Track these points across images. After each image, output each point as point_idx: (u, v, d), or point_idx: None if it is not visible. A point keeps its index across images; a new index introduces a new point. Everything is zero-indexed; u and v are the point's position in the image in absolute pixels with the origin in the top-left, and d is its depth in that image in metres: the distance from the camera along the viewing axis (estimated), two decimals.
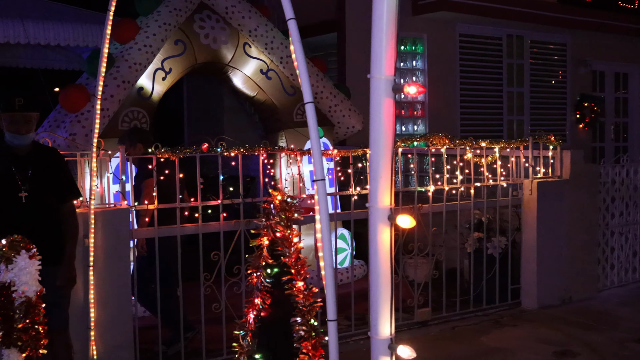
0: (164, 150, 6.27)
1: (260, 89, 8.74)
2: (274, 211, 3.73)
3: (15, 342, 3.82)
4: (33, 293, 3.89)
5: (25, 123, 5.15)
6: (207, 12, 8.29)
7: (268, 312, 3.85)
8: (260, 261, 3.81)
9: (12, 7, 9.34)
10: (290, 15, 3.08)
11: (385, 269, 2.74)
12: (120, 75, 7.34)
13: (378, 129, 2.70)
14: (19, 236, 4.11)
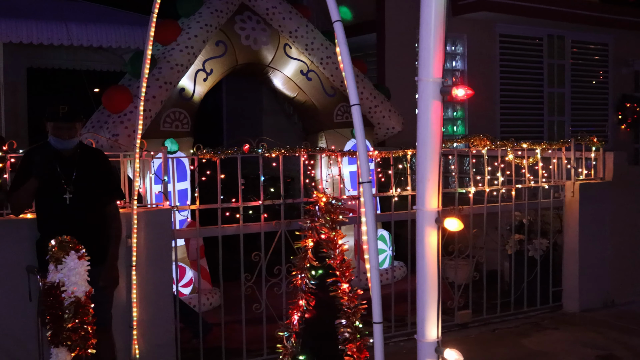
0: (205, 151, 6.31)
1: (301, 89, 8.75)
2: (319, 213, 3.73)
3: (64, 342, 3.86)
4: (82, 293, 3.93)
5: (68, 130, 5.20)
6: (248, 13, 8.32)
7: (312, 313, 3.85)
8: (304, 263, 3.81)
9: (56, 9, 9.46)
10: (336, 18, 3.07)
11: (432, 272, 2.72)
12: (162, 77, 7.39)
13: (425, 132, 2.69)
14: (67, 237, 4.15)
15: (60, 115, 5.14)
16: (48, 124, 5.23)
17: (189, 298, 7.29)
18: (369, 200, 2.93)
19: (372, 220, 2.91)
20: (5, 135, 10.08)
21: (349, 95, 3.01)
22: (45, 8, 9.48)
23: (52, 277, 3.97)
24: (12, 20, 8.74)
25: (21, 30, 8.69)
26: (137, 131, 5.68)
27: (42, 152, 5.31)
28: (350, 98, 3.00)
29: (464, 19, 12.63)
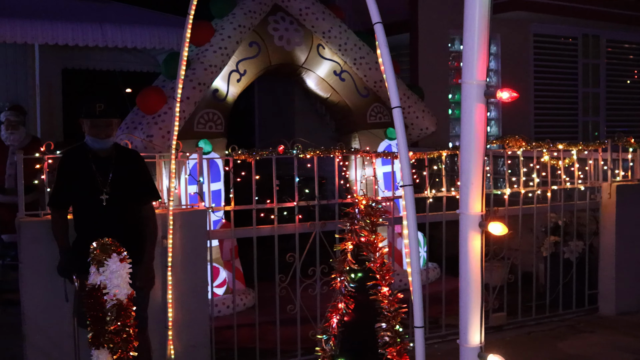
0: (240, 152, 6.31)
1: (334, 90, 8.73)
2: (359, 216, 3.71)
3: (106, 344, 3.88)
4: (124, 296, 3.94)
5: (105, 127, 5.21)
6: (281, 14, 8.32)
7: (351, 316, 3.83)
8: (344, 265, 3.79)
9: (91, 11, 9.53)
10: (377, 19, 3.05)
11: (475, 276, 2.69)
12: (196, 78, 7.41)
13: (469, 135, 2.66)
14: (109, 239, 4.16)
15: (97, 113, 5.16)
16: (84, 123, 5.25)
17: (222, 298, 7.30)
18: (411, 203, 2.90)
19: (413, 224, 2.89)
20: (41, 136, 10.18)
21: (390, 97, 2.99)
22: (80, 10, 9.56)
23: (94, 279, 3.98)
24: (48, 22, 8.81)
25: (57, 32, 8.76)
26: (173, 132, 5.70)
27: (79, 153, 5.34)
28: (392, 100, 2.97)
29: (497, 19, 12.53)
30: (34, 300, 5.54)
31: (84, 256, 5.18)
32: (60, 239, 5.28)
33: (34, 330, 5.56)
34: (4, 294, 8.84)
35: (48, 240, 5.52)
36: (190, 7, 5.29)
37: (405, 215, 2.90)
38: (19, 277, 5.60)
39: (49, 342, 5.56)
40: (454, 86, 12.82)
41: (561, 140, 8.19)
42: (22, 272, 5.53)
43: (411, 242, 2.87)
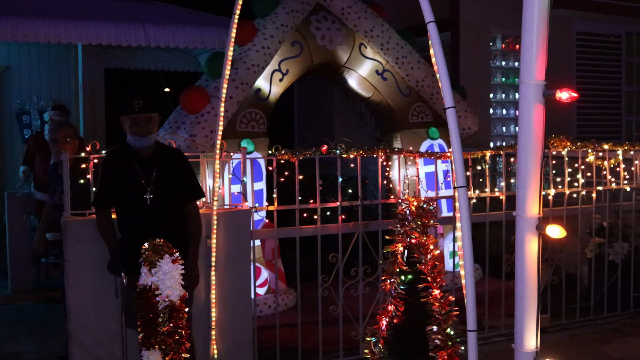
0: (284, 151, 6.31)
1: (376, 89, 8.68)
2: (410, 217, 3.67)
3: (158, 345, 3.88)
4: (177, 297, 3.94)
5: (146, 124, 5.22)
6: (323, 13, 8.29)
7: (401, 319, 3.79)
8: (394, 267, 3.75)
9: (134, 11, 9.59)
10: (430, 19, 3.01)
11: (532, 280, 2.65)
12: (238, 77, 7.41)
13: (527, 136, 2.61)
14: (161, 240, 4.17)
15: (136, 109, 5.18)
16: (125, 121, 5.27)
17: (264, 298, 7.29)
18: (465, 205, 2.86)
19: (467, 226, 2.84)
20: (84, 135, 10.27)
21: (444, 97, 2.95)
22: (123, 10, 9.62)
23: (145, 280, 3.99)
24: (92, 22, 8.88)
25: (100, 32, 8.82)
26: (218, 132, 5.70)
27: (122, 153, 5.37)
28: (445, 101, 2.93)
29: None
30: (79, 299, 5.59)
31: (129, 256, 5.23)
32: (108, 238, 5.32)
33: (79, 329, 5.60)
34: (47, 292, 8.94)
35: (93, 239, 5.57)
36: (236, 7, 5.29)
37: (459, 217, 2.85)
38: (65, 276, 5.65)
39: (94, 340, 5.60)
40: (496, 85, 12.71)
41: (604, 139, 8.07)
42: (68, 270, 5.58)
43: (465, 245, 2.83)
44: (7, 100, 11.19)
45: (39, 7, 9.31)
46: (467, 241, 2.84)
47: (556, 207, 7.55)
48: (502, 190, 7.46)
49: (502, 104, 12.78)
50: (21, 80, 11.27)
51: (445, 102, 2.92)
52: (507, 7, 12.25)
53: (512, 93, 12.80)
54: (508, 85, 12.78)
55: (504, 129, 12.80)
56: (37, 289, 9.10)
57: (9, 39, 8.62)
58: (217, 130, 5.68)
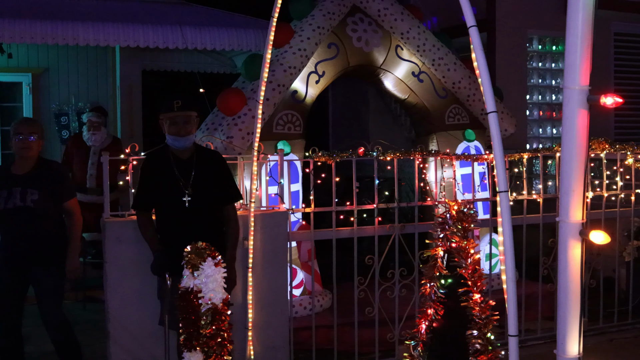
0: (321, 154, 6.32)
1: (412, 91, 8.66)
2: (450, 221, 3.67)
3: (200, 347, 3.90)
4: (219, 300, 3.97)
5: (185, 124, 5.25)
6: (360, 15, 8.29)
7: (440, 323, 3.79)
8: (434, 271, 3.75)
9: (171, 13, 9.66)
10: (472, 23, 3.01)
11: (575, 286, 2.63)
12: (275, 79, 7.44)
13: (571, 141, 2.60)
14: (204, 243, 4.19)
15: (175, 108, 5.22)
16: (164, 121, 5.30)
17: (299, 300, 7.32)
18: (507, 210, 2.85)
19: (509, 231, 2.83)
20: (121, 137, 10.36)
21: (485, 101, 2.94)
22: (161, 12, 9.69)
23: (187, 283, 4.01)
24: (130, 25, 8.96)
25: (139, 35, 8.90)
26: (255, 134, 5.72)
27: (161, 155, 5.41)
28: (487, 105, 2.92)
29: None
30: (119, 299, 5.64)
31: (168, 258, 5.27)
32: (150, 240, 5.36)
33: (118, 329, 5.65)
34: (85, 291, 9.03)
35: (132, 240, 5.62)
36: (274, 9, 5.31)
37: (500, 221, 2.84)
38: (104, 276, 5.70)
39: (132, 340, 5.65)
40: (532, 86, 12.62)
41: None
42: (107, 271, 5.63)
43: (506, 250, 2.82)
44: (45, 101, 11.31)
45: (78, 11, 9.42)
46: (508, 246, 2.83)
47: (594, 210, 7.48)
48: (540, 193, 7.41)
49: (539, 105, 12.68)
50: (59, 82, 11.39)
51: (487, 107, 2.91)
52: (543, 8, 12.18)
53: (548, 94, 12.70)
54: (544, 87, 12.69)
55: (540, 131, 12.71)
56: (75, 288, 9.19)
57: (49, 41, 8.72)
58: (254, 133, 5.70)
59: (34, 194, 5.63)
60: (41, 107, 11.22)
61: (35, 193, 5.63)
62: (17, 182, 5.67)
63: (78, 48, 10.96)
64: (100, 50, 11.25)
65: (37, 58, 11.24)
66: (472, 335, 3.59)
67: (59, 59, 11.28)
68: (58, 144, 11.25)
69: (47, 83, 11.30)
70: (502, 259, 2.85)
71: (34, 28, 8.65)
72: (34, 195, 5.63)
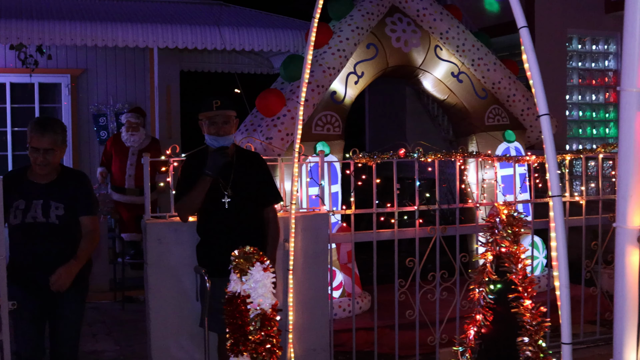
0: (361, 155, 6.28)
1: (451, 92, 8.59)
2: (500, 225, 3.60)
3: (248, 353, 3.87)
4: (269, 306, 3.93)
5: (224, 124, 5.22)
6: (399, 15, 8.23)
7: (489, 329, 3.72)
8: (483, 276, 3.69)
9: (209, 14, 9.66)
10: (523, 24, 2.95)
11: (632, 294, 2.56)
12: (314, 80, 7.41)
13: (628, 145, 2.53)
14: (252, 248, 4.16)
15: (214, 107, 5.20)
16: (203, 121, 5.28)
17: (339, 302, 7.28)
18: (560, 215, 2.79)
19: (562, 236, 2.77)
20: (159, 138, 10.40)
21: (537, 103, 2.88)
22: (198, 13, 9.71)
23: (234, 287, 3.98)
24: (168, 26, 8.98)
25: (177, 36, 8.91)
26: (297, 135, 5.69)
27: (201, 156, 5.39)
28: (540, 107, 2.86)
29: (617, 17, 12.10)
30: (160, 301, 5.63)
31: (208, 260, 5.26)
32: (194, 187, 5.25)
33: (159, 330, 5.65)
34: (124, 291, 9.09)
35: (173, 241, 5.62)
36: (316, 9, 5.27)
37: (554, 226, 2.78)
38: (145, 277, 5.70)
39: (173, 342, 5.64)
40: (572, 87, 12.48)
41: None
42: (148, 272, 5.63)
43: (560, 256, 2.76)
44: (84, 102, 11.37)
45: (116, 12, 9.46)
46: (562, 252, 2.77)
47: None
48: (582, 195, 7.31)
49: (578, 105, 12.54)
50: (98, 83, 11.45)
51: (540, 109, 2.85)
52: (583, 7, 12.03)
53: (588, 94, 12.55)
54: (584, 87, 12.54)
55: (580, 131, 12.56)
56: (114, 288, 9.25)
57: (88, 43, 8.76)
58: (295, 134, 5.66)
59: (60, 208, 4.92)
60: (80, 108, 11.29)
61: (61, 208, 4.92)
62: (39, 192, 4.93)
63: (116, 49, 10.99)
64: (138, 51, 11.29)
65: (75, 59, 11.31)
66: (523, 342, 3.51)
67: (97, 60, 11.34)
68: (96, 145, 11.31)
69: (85, 84, 11.36)
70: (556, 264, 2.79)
71: (74, 29, 8.69)
72: (59, 210, 4.91)
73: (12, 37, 8.49)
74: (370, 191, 6.40)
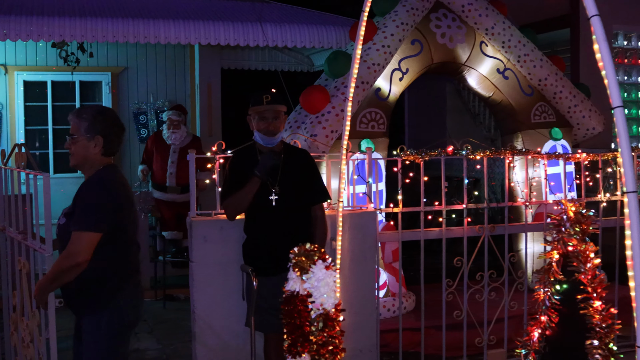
0: (409, 152, 6.18)
1: (497, 89, 8.44)
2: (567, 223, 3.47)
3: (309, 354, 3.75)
4: (332, 305, 3.82)
5: (274, 119, 5.14)
6: (443, 10, 8.11)
7: (554, 331, 3.59)
8: (549, 276, 3.56)
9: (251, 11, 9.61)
10: (594, 12, 2.82)
11: None
12: (359, 76, 7.30)
13: None
14: (314, 245, 4.04)
15: (264, 102, 5.12)
16: (252, 117, 5.20)
17: (383, 301, 7.18)
18: (635, 212, 2.66)
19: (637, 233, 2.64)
20: (200, 135, 10.37)
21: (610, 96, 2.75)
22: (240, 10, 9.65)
23: (293, 286, 3.86)
24: (210, 22, 8.94)
25: (219, 33, 8.87)
26: (344, 132, 5.59)
27: (248, 152, 5.32)
28: (613, 99, 2.74)
29: None
30: (205, 300, 5.57)
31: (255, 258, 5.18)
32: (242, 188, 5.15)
33: (204, 329, 5.58)
34: (165, 290, 9.05)
35: (218, 239, 5.55)
36: (365, 3, 5.16)
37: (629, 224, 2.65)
38: (190, 276, 5.64)
39: (218, 341, 5.58)
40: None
41: None
42: (193, 271, 5.57)
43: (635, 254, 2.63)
44: (125, 100, 11.41)
45: (157, 9, 9.44)
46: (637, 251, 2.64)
47: None
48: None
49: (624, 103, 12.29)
50: (138, 81, 11.48)
51: (613, 101, 2.73)
52: (629, 3, 11.79)
53: (634, 92, 12.31)
54: (630, 84, 12.29)
55: None
56: (155, 286, 9.22)
57: (130, 40, 8.75)
58: (343, 130, 5.56)
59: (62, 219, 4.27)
60: (120, 106, 11.32)
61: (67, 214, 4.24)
62: None
63: (157, 46, 11.03)
64: (179, 49, 11.30)
65: (116, 57, 11.35)
66: (593, 346, 3.38)
67: (137, 58, 11.36)
68: (137, 143, 11.34)
69: (126, 82, 11.40)
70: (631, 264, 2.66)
71: (115, 26, 8.69)
72: (61, 220, 4.26)
73: (55, 35, 8.50)
74: (414, 190, 6.30)
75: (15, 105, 11.00)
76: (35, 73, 11.08)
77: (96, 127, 4.13)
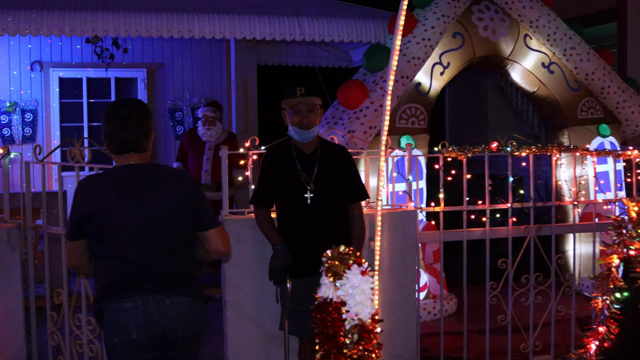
0: (451, 149, 5.94)
1: (542, 83, 8.16)
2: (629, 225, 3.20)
3: None
4: (368, 315, 3.52)
5: (308, 112, 4.93)
6: (486, 2, 7.86)
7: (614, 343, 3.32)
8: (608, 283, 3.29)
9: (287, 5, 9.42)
10: None
11: None
12: (398, 70, 7.07)
13: None
14: (348, 248, 3.76)
15: (298, 95, 4.91)
16: (286, 110, 5.00)
17: (423, 304, 6.94)
18: None
19: None
20: (236, 132, 10.22)
21: None
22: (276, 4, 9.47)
23: (325, 292, 3.56)
24: (246, 16, 8.76)
25: (255, 27, 8.68)
26: (383, 128, 5.35)
27: (283, 149, 5.12)
28: None
29: None
30: (237, 300, 5.40)
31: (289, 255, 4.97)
32: (269, 233, 5.03)
33: (236, 332, 5.42)
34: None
35: (252, 238, 5.36)
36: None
37: None
38: (222, 276, 5.48)
39: (251, 344, 5.42)
40: None
41: None
42: (226, 271, 5.40)
43: None
44: (160, 97, 11.33)
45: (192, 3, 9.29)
46: None
47: None
48: None
49: None
50: (174, 77, 11.39)
51: None
52: None
53: None
54: None
55: None
56: None
57: (164, 35, 8.60)
58: (382, 126, 5.32)
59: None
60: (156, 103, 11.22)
61: None
62: None
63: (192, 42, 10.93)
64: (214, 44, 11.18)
65: (151, 53, 11.26)
66: None
67: (173, 54, 11.28)
68: (173, 140, 11.24)
69: (161, 78, 11.31)
70: None
71: (149, 21, 8.54)
72: None
73: (88, 29, 8.38)
74: (455, 188, 6.08)
75: (51, 102, 10.96)
76: (70, 70, 11.05)
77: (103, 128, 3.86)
